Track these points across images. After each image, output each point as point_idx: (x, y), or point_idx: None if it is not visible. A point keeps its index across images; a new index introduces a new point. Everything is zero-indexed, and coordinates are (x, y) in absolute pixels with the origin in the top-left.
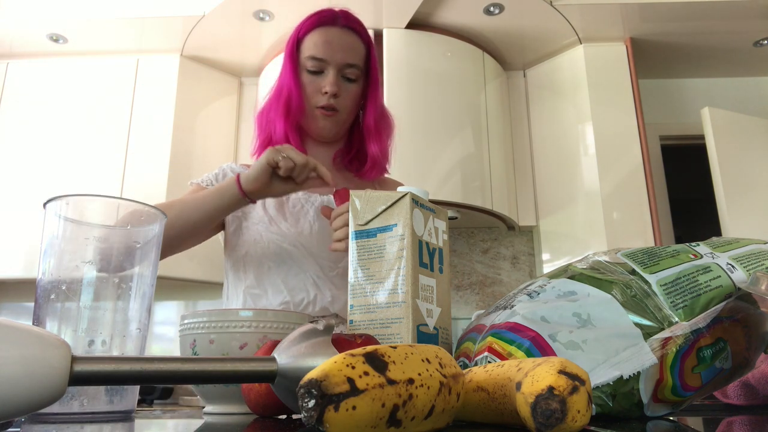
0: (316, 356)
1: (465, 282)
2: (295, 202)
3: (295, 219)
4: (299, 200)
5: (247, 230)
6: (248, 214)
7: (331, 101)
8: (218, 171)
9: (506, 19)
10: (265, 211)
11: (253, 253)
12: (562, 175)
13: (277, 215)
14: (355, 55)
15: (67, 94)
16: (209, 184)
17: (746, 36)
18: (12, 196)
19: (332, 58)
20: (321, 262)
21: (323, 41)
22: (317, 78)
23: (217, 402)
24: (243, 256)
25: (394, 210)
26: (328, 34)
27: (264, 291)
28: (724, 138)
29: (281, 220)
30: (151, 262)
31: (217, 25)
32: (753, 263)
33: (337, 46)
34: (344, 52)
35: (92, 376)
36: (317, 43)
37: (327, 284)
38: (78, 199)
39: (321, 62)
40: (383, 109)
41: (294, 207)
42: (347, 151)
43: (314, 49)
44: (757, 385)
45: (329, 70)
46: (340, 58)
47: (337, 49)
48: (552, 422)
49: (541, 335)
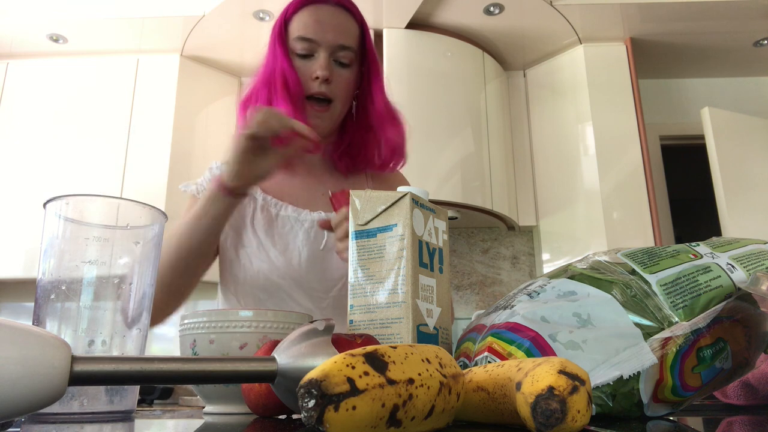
0: (316, 356)
1: (465, 282)
2: (285, 221)
3: (284, 244)
4: (288, 219)
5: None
6: (239, 234)
7: (323, 88)
8: (209, 175)
9: (506, 19)
10: (254, 233)
11: (243, 284)
12: (562, 175)
13: (266, 239)
14: (349, 36)
15: (67, 94)
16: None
17: (746, 36)
18: (12, 196)
19: (323, 38)
20: (311, 293)
21: (313, 20)
22: (307, 62)
23: (217, 402)
24: (234, 288)
25: (394, 210)
26: (318, 12)
27: None
28: (724, 138)
29: (270, 246)
30: (151, 262)
31: (216, 25)
32: (753, 263)
33: (328, 25)
34: (336, 33)
35: (92, 376)
36: (306, 22)
37: (316, 315)
38: (78, 199)
39: (311, 43)
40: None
41: (284, 227)
42: (337, 145)
43: (303, 29)
44: (757, 385)
45: (320, 53)
46: (331, 38)
47: (329, 29)
48: (552, 422)
49: (541, 335)
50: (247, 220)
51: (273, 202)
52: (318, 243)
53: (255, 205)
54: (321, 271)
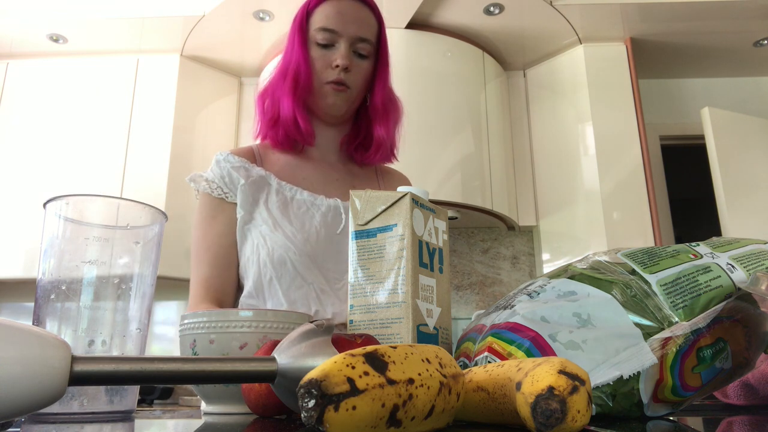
0: (316, 356)
1: (465, 282)
2: (300, 204)
3: (300, 223)
4: (304, 202)
5: (250, 233)
6: (252, 214)
7: (341, 76)
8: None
9: (506, 19)
10: (269, 212)
11: (255, 258)
12: (562, 175)
13: (281, 217)
14: (369, 29)
15: (67, 94)
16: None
17: (746, 36)
18: (12, 196)
19: (345, 30)
20: (327, 273)
21: (335, 12)
22: (327, 52)
23: (217, 402)
24: (245, 261)
25: (394, 210)
26: (340, 5)
27: (262, 302)
28: (724, 138)
29: (286, 224)
30: (151, 262)
31: (217, 25)
32: (753, 263)
33: (350, 17)
34: (357, 25)
35: (92, 376)
36: (329, 14)
37: (330, 298)
38: (78, 199)
39: (332, 34)
40: (392, 92)
41: (299, 209)
42: (354, 135)
43: (326, 20)
44: (757, 385)
45: (341, 43)
46: (353, 30)
47: (350, 21)
48: (552, 422)
49: (541, 335)
50: (261, 202)
51: (288, 188)
52: (335, 227)
53: (269, 189)
54: (336, 254)
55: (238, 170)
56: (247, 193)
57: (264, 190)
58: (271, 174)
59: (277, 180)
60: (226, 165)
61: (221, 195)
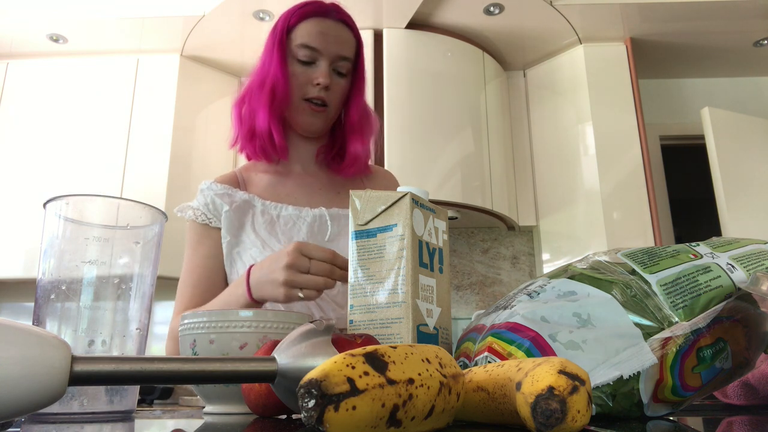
0: (316, 356)
1: (465, 282)
2: (287, 219)
3: (287, 238)
4: (290, 217)
5: (240, 256)
6: (239, 238)
7: (321, 93)
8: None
9: (506, 19)
10: (256, 234)
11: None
12: (562, 175)
13: (269, 237)
14: (348, 48)
15: (67, 94)
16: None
17: (746, 36)
18: (12, 196)
19: (326, 49)
20: None
21: (317, 31)
22: (308, 69)
23: (217, 402)
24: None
25: (394, 210)
26: (322, 24)
27: None
28: (724, 138)
29: (274, 242)
30: (151, 262)
31: (217, 25)
32: (753, 263)
33: (331, 37)
34: (338, 45)
35: (92, 376)
36: (311, 32)
37: (330, 304)
38: (78, 199)
39: (314, 52)
40: (366, 107)
41: (286, 224)
42: (330, 147)
43: (308, 38)
44: (757, 385)
45: (321, 62)
46: (334, 50)
47: (332, 41)
48: (552, 422)
49: (541, 335)
50: (247, 225)
51: (272, 206)
52: (323, 235)
53: (254, 211)
54: None
55: (221, 197)
56: (231, 219)
57: (249, 213)
58: (255, 196)
59: (261, 201)
60: (210, 193)
61: (205, 221)
